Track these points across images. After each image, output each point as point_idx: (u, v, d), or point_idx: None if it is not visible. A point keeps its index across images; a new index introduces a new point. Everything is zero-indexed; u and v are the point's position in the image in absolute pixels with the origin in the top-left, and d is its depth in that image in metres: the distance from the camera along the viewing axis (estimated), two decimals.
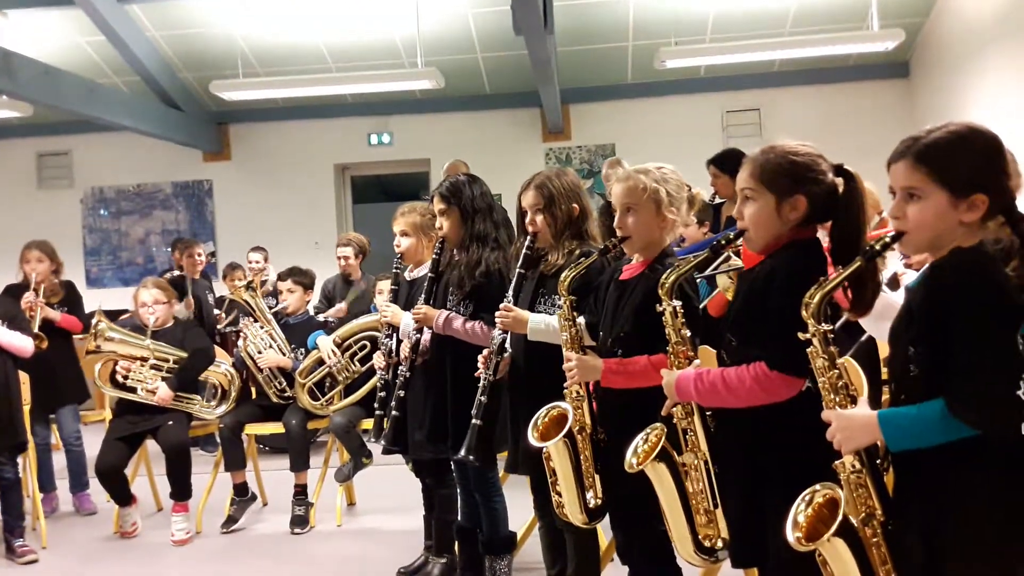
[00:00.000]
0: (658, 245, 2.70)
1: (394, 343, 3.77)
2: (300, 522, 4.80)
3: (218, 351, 5.39)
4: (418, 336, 3.59)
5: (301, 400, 4.93)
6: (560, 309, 2.77)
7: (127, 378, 4.79)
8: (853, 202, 2.13)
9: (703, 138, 8.53)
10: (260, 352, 5.04)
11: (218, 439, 5.01)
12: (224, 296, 7.41)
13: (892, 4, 7.70)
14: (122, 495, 4.76)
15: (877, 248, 1.85)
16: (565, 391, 2.72)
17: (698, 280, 2.52)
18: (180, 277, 7.18)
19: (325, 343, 4.99)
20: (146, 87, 8.59)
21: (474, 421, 3.13)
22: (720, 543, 2.31)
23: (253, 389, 5.24)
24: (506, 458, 3.31)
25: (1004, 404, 1.65)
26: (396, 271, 3.92)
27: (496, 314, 3.11)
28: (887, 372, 2.02)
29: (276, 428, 5.02)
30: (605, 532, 3.12)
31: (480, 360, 3.19)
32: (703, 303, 3.24)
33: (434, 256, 3.60)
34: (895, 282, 3.50)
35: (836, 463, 1.84)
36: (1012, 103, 6.61)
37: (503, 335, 3.13)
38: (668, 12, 7.92)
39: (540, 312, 3.09)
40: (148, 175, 9.80)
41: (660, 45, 7.73)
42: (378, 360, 3.89)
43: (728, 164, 5.32)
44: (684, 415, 2.30)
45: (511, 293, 3.14)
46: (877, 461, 1.83)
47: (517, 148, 9.16)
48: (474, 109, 9.37)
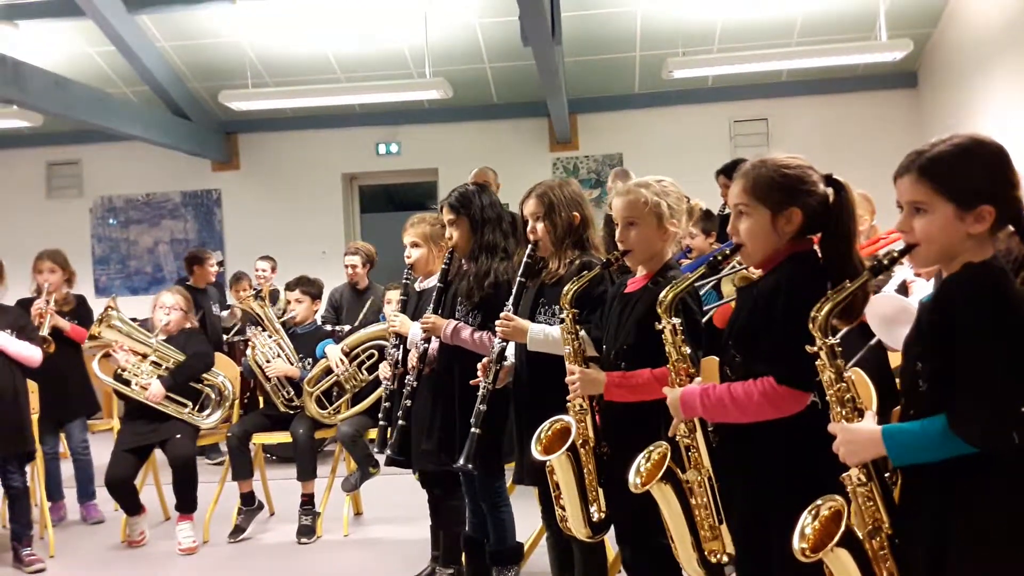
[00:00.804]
0: (660, 258, 2.71)
1: (401, 353, 3.77)
2: (307, 532, 4.80)
3: (225, 360, 5.40)
4: (426, 346, 3.58)
5: (309, 409, 4.93)
6: (560, 320, 2.77)
7: (124, 369, 4.81)
8: (844, 212, 2.14)
9: (711, 148, 8.55)
10: (268, 361, 5.05)
11: (225, 449, 5.01)
12: (231, 305, 7.43)
13: (900, 14, 7.70)
14: (131, 505, 4.77)
15: (886, 262, 1.85)
16: (568, 404, 2.71)
17: (704, 291, 2.51)
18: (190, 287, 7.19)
19: (333, 352, 5.00)
20: (155, 97, 8.64)
21: (473, 430, 3.13)
22: (725, 558, 2.30)
23: (261, 398, 5.25)
24: (513, 469, 3.31)
25: (1005, 423, 1.64)
26: (406, 281, 3.92)
27: (496, 323, 3.12)
28: (900, 385, 2.02)
29: (283, 437, 5.02)
30: (612, 544, 3.11)
31: (480, 368, 3.19)
32: (710, 312, 3.24)
33: (443, 266, 3.60)
34: (904, 289, 3.50)
35: (843, 475, 1.84)
36: (1020, 113, 6.59)
37: (503, 344, 3.13)
38: (675, 22, 7.93)
39: (540, 322, 3.09)
40: (157, 184, 9.84)
41: (667, 55, 7.75)
42: (384, 370, 3.88)
43: None
44: (687, 432, 2.29)
45: (511, 302, 3.14)
46: (886, 475, 1.83)
47: (524, 158, 9.17)
48: (482, 119, 9.39)
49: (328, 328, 5.72)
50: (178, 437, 4.78)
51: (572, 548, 3.14)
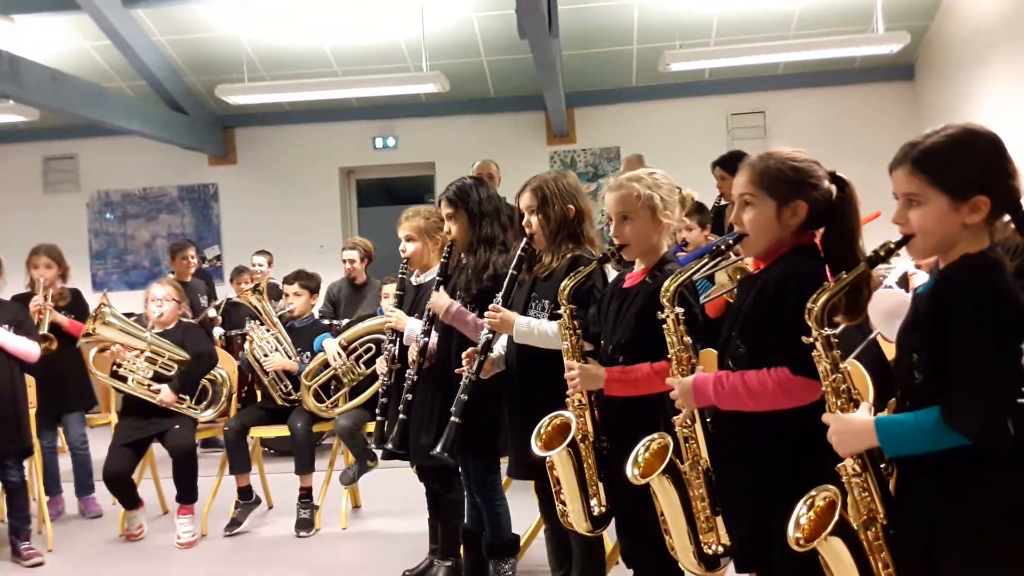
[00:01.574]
0: (657, 250, 2.72)
1: (397, 348, 3.77)
2: (305, 525, 4.81)
3: (223, 354, 5.40)
4: (426, 340, 3.58)
5: (307, 402, 4.94)
6: (551, 314, 2.77)
7: (120, 366, 4.81)
8: (848, 208, 2.15)
9: (708, 141, 8.53)
10: (266, 355, 5.05)
11: (223, 442, 5.02)
12: (230, 298, 7.42)
13: (897, 7, 7.70)
14: (129, 499, 4.78)
15: (882, 254, 1.85)
16: (567, 400, 2.72)
17: (698, 278, 2.52)
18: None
19: (331, 345, 5.00)
20: (152, 91, 8.62)
21: (453, 419, 3.14)
22: (721, 549, 2.30)
23: (258, 392, 5.25)
24: (508, 462, 3.31)
25: (998, 415, 1.64)
26: (402, 276, 3.92)
27: (484, 314, 3.12)
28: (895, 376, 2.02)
29: (281, 431, 5.02)
30: (610, 535, 3.12)
31: (464, 357, 3.20)
32: (703, 301, 3.24)
33: (442, 260, 3.60)
34: (905, 281, 3.51)
35: (838, 465, 1.85)
36: (1017, 105, 6.60)
37: (489, 335, 3.14)
38: (672, 15, 7.92)
39: (531, 315, 3.09)
40: (154, 179, 9.83)
41: (664, 48, 7.74)
42: (380, 365, 3.88)
43: (734, 166, 5.31)
44: (687, 423, 2.30)
45: (502, 294, 3.14)
46: (882, 465, 1.83)
47: (522, 152, 9.14)
48: (479, 112, 9.38)
49: (326, 322, 5.73)
50: (177, 428, 4.79)
51: (570, 540, 3.16)
